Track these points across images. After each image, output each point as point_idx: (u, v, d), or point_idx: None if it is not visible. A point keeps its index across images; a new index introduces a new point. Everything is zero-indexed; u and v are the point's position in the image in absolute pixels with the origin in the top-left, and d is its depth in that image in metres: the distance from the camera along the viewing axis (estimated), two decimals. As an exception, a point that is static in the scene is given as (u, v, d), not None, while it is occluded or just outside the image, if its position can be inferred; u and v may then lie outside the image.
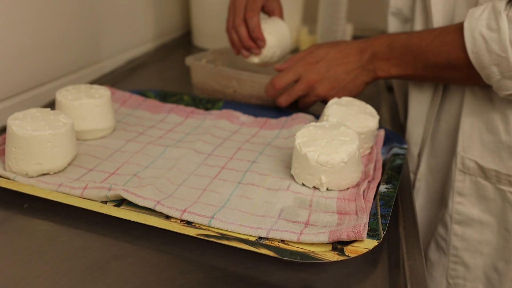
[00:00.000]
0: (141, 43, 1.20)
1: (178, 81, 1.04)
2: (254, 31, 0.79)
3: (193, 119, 0.77)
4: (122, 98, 0.82)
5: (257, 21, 0.79)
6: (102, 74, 1.01)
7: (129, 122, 0.75)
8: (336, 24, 1.22)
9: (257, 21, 0.79)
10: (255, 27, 0.79)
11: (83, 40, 0.94)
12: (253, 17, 0.78)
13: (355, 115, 0.65)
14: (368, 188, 0.56)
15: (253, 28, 0.79)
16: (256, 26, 0.79)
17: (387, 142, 0.70)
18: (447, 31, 0.64)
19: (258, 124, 0.75)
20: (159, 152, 0.65)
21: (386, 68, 0.70)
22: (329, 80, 0.72)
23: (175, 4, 1.39)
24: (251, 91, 0.83)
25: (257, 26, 0.79)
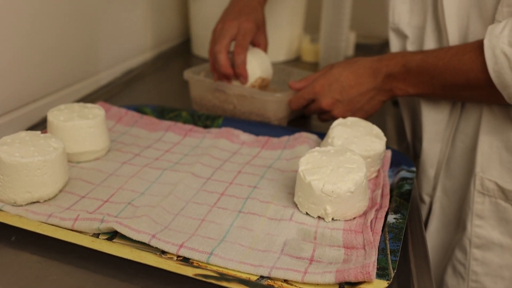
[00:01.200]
0: (138, 53, 1.17)
1: (177, 93, 1.01)
2: (239, 67, 0.78)
3: (191, 138, 0.74)
4: (118, 115, 0.79)
5: (243, 59, 0.78)
6: (98, 86, 0.98)
7: (124, 142, 0.72)
8: (339, 33, 1.19)
9: (243, 58, 0.78)
10: (241, 64, 0.78)
11: (78, 52, 0.91)
12: (240, 53, 0.77)
13: (360, 137, 0.62)
14: (376, 218, 0.53)
15: (239, 64, 0.77)
16: (242, 63, 0.78)
17: (394, 163, 0.67)
18: (465, 50, 0.61)
19: (259, 143, 0.72)
20: (155, 176, 0.62)
21: (403, 87, 0.68)
22: (343, 103, 0.71)
23: (174, 12, 1.36)
24: (252, 108, 0.80)
25: (242, 63, 0.78)
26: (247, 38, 0.78)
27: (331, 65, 0.74)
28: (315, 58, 1.32)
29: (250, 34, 0.79)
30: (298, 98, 0.76)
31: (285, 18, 1.25)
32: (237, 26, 0.78)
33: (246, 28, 0.79)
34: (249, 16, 0.80)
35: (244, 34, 0.78)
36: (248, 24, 0.79)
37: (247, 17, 0.80)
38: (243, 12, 0.81)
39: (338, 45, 1.20)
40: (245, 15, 0.80)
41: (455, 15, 0.66)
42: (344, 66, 0.71)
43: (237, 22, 0.79)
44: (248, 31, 0.79)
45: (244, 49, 0.78)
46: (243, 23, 0.79)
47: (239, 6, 0.82)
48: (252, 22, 0.80)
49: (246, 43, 0.78)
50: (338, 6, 1.17)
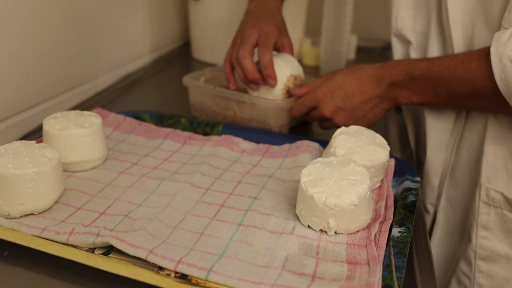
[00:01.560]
0: (137, 57, 1.15)
1: (177, 97, 0.99)
2: (267, 68, 0.73)
3: (190, 146, 0.72)
4: (116, 122, 0.77)
5: (270, 58, 0.74)
6: (96, 92, 0.97)
7: (122, 150, 0.70)
8: (340, 36, 1.17)
9: (270, 57, 0.74)
10: (268, 63, 0.73)
11: (75, 57, 0.90)
12: (266, 53, 0.73)
13: (364, 146, 0.61)
14: (380, 232, 0.52)
15: (266, 64, 0.73)
16: (269, 63, 0.73)
17: (397, 172, 0.65)
18: (471, 58, 0.59)
19: (260, 152, 0.71)
20: (153, 187, 0.60)
21: (407, 96, 0.66)
22: (345, 111, 0.69)
23: (173, 15, 1.35)
24: (252, 115, 0.78)
25: (270, 63, 0.73)
26: (270, 39, 0.75)
27: (333, 71, 0.73)
28: (316, 61, 1.30)
29: (272, 36, 0.76)
30: (299, 105, 0.74)
31: (286, 22, 1.23)
32: (257, 31, 0.75)
33: (268, 30, 0.75)
34: (268, 19, 0.77)
35: (267, 36, 0.75)
36: (268, 27, 0.76)
37: (266, 21, 0.77)
38: (261, 17, 0.77)
39: (339, 48, 1.19)
40: (264, 19, 0.77)
41: (460, 21, 0.65)
42: (347, 73, 0.70)
43: (257, 27, 0.75)
44: (270, 33, 0.75)
45: (269, 49, 0.74)
46: (264, 27, 0.75)
47: (256, 13, 0.79)
48: (272, 25, 0.77)
49: (270, 43, 0.75)
50: (339, 10, 1.15)
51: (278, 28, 0.78)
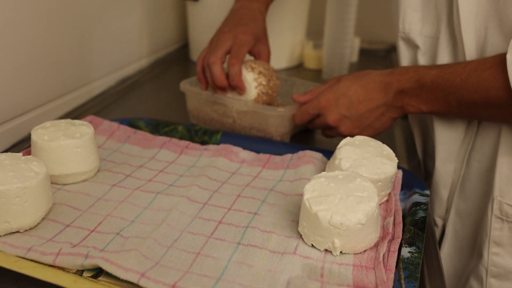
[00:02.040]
0: (134, 60, 1.12)
1: (174, 102, 0.96)
2: (234, 79, 0.73)
3: (187, 156, 0.69)
4: (110, 130, 0.74)
5: (238, 70, 0.73)
6: (90, 97, 0.94)
7: (115, 161, 0.67)
8: (343, 39, 1.14)
9: (238, 69, 0.73)
10: (236, 75, 0.73)
11: (68, 61, 0.87)
12: (235, 64, 0.73)
13: (370, 158, 0.58)
14: (389, 251, 0.49)
15: (234, 76, 0.73)
16: (237, 74, 0.73)
17: (405, 185, 0.62)
18: (485, 66, 0.56)
19: (260, 162, 0.68)
20: (147, 201, 0.57)
21: (416, 105, 0.63)
22: (350, 119, 0.66)
23: (171, 17, 1.32)
24: (252, 123, 0.75)
25: (237, 75, 0.73)
26: (243, 49, 0.74)
27: (338, 77, 0.70)
28: (318, 65, 1.27)
29: (246, 45, 0.75)
30: (302, 113, 0.71)
31: (287, 23, 1.20)
32: (232, 37, 0.75)
33: (242, 40, 0.75)
34: (245, 27, 0.77)
35: (240, 45, 0.74)
36: (243, 36, 0.76)
37: (244, 28, 0.76)
38: (240, 23, 0.77)
39: (342, 51, 1.16)
40: (242, 26, 0.77)
41: (472, 25, 0.62)
42: (352, 80, 0.67)
43: (232, 33, 0.75)
44: (244, 42, 0.75)
45: (239, 60, 0.74)
46: (239, 34, 0.75)
47: (237, 16, 0.79)
48: (248, 34, 0.76)
49: (242, 54, 0.74)
50: (342, 11, 1.12)
51: (255, 37, 0.77)
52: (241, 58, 0.74)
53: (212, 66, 0.73)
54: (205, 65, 0.76)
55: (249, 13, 0.79)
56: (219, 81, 0.73)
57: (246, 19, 0.78)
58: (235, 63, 0.73)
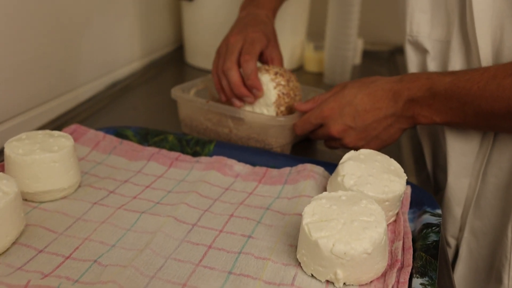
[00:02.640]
0: (125, 63, 1.07)
1: (167, 109, 0.91)
2: (250, 77, 0.68)
3: (177, 169, 0.64)
4: (95, 140, 0.70)
5: (253, 66, 0.68)
6: (77, 103, 0.89)
7: (99, 175, 0.62)
8: (346, 41, 1.09)
9: (253, 66, 0.68)
10: (251, 73, 0.68)
11: (54, 64, 0.82)
12: (249, 61, 0.68)
13: (377, 175, 0.53)
14: (398, 283, 0.44)
15: (249, 74, 0.68)
16: (252, 71, 0.68)
17: (414, 202, 0.57)
18: (504, 72, 0.51)
19: (256, 176, 0.63)
20: (131, 222, 0.52)
21: (428, 115, 0.58)
22: (356, 130, 0.61)
23: (165, 17, 1.27)
24: (250, 133, 0.70)
25: (253, 72, 0.68)
26: (256, 46, 0.70)
27: (343, 84, 0.65)
28: (319, 67, 1.22)
29: (258, 42, 0.70)
30: (304, 122, 0.66)
31: (287, 24, 1.15)
32: (243, 38, 0.70)
33: (253, 37, 0.70)
34: (255, 27, 0.72)
35: (252, 42, 0.69)
36: (254, 34, 0.71)
37: (254, 28, 0.72)
38: (249, 25, 0.73)
39: (345, 53, 1.11)
40: (251, 26, 0.72)
41: (487, 27, 0.57)
42: (358, 87, 0.62)
43: (242, 34, 0.71)
44: (256, 40, 0.70)
45: (253, 56, 0.68)
46: (249, 33, 0.71)
47: (245, 21, 0.75)
48: (259, 32, 0.72)
49: (255, 50, 0.69)
50: (344, 11, 1.07)
51: (266, 36, 0.72)
52: (255, 54, 0.69)
53: (228, 72, 0.68)
54: (219, 74, 0.71)
55: (256, 18, 0.75)
56: (237, 87, 0.68)
57: (254, 22, 0.74)
58: (249, 59, 0.68)
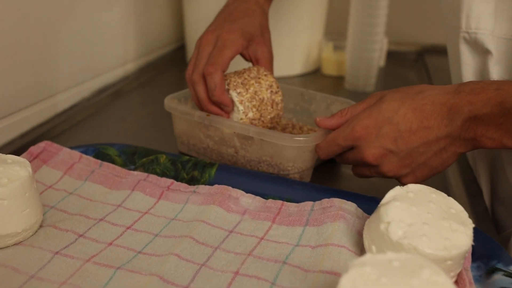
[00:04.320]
0: (117, 65, 0.95)
1: (162, 120, 0.78)
2: (214, 93, 0.58)
3: (168, 203, 0.52)
4: (68, 161, 0.57)
5: (217, 80, 0.58)
6: (55, 113, 0.77)
7: (68, 210, 0.50)
8: (372, 41, 0.96)
9: (217, 79, 0.58)
10: (215, 88, 0.58)
11: (27, 66, 0.70)
12: (212, 73, 0.58)
13: (433, 223, 0.40)
14: None
15: (212, 89, 0.58)
16: (216, 86, 0.58)
17: (478, 252, 0.45)
18: None
19: (269, 213, 0.50)
20: (101, 283, 0.40)
21: (497, 137, 0.45)
22: (398, 155, 0.49)
23: (165, 12, 1.15)
24: (261, 154, 0.58)
25: (217, 87, 0.58)
26: (225, 52, 0.59)
27: (379, 95, 0.52)
28: (339, 70, 1.09)
29: (229, 48, 0.59)
30: (330, 144, 0.53)
31: (302, 21, 1.03)
32: (215, 39, 0.60)
33: (225, 40, 0.60)
34: (233, 24, 0.61)
35: (221, 48, 0.59)
36: (228, 35, 0.60)
37: (231, 26, 0.61)
38: (228, 19, 0.62)
39: (370, 55, 0.98)
40: (229, 23, 0.61)
41: None
42: (401, 100, 0.49)
43: (216, 33, 0.61)
44: (228, 43, 0.59)
45: (218, 67, 0.58)
46: (223, 34, 0.60)
47: (228, 11, 0.64)
48: (236, 32, 0.61)
49: (223, 58, 0.59)
50: (370, 5, 0.94)
51: (245, 35, 0.61)
52: (222, 64, 0.58)
53: (195, 87, 0.60)
54: (189, 85, 0.62)
55: (242, 5, 0.64)
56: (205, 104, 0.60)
57: (237, 14, 0.63)
58: (212, 71, 0.58)
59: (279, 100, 0.62)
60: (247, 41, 0.61)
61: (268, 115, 0.61)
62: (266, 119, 0.61)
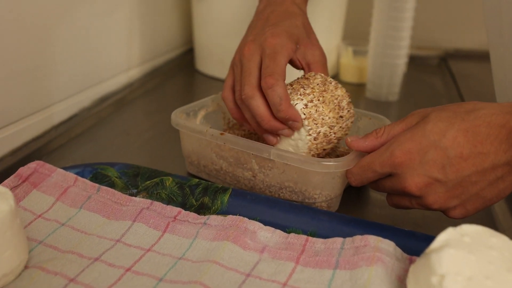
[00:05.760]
0: (120, 71, 0.89)
1: (170, 132, 0.71)
2: (280, 109, 0.49)
3: (175, 237, 0.45)
4: (62, 185, 0.51)
5: (282, 92, 0.49)
6: (52, 125, 0.70)
7: (59, 245, 0.44)
8: (397, 46, 0.89)
9: (281, 91, 0.49)
10: (281, 102, 0.49)
11: (20, 73, 0.64)
12: (274, 86, 0.49)
13: (497, 276, 0.33)
14: None
15: (277, 103, 0.49)
16: (282, 100, 0.49)
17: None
18: None
19: (292, 251, 0.44)
20: None
21: None
22: (446, 185, 0.42)
23: (172, 14, 1.08)
24: (283, 180, 0.51)
25: (283, 100, 0.49)
26: (279, 59, 0.51)
27: (422, 113, 0.45)
28: (360, 77, 1.02)
29: (282, 53, 0.52)
30: (364, 170, 0.47)
31: (319, 24, 0.96)
32: (260, 48, 0.52)
33: (274, 45, 0.52)
34: (276, 27, 0.54)
35: (273, 55, 0.51)
36: (275, 39, 0.52)
37: (274, 30, 0.53)
38: (268, 24, 0.54)
39: (395, 61, 0.91)
40: (271, 26, 0.54)
41: None
42: (449, 120, 0.42)
43: (259, 41, 0.53)
44: (278, 48, 0.52)
45: (278, 77, 0.50)
46: (268, 39, 0.52)
47: (263, 16, 0.57)
48: (282, 34, 0.53)
49: (279, 66, 0.51)
50: (396, 8, 0.87)
51: (293, 36, 0.54)
52: (281, 73, 0.50)
53: (250, 102, 0.51)
54: (239, 103, 0.53)
55: (279, 8, 0.57)
56: (266, 122, 0.51)
57: (275, 17, 0.55)
58: (273, 83, 0.49)
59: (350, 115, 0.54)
60: (294, 43, 0.54)
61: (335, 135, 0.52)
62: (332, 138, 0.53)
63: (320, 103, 0.50)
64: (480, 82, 1.07)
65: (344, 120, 0.52)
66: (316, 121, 0.50)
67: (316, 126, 0.50)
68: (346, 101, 0.53)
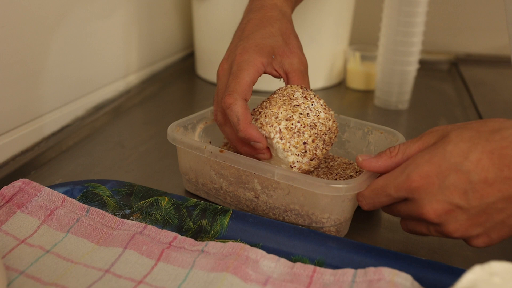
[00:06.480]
0: (117, 77, 0.85)
1: (167, 145, 0.67)
2: (238, 129, 0.47)
3: (169, 267, 0.42)
4: (48, 206, 0.48)
5: (239, 111, 0.47)
6: (42, 137, 0.67)
7: (41, 277, 0.40)
8: (408, 52, 0.85)
9: (239, 111, 0.47)
10: (239, 122, 0.47)
11: (8, 81, 0.60)
12: (232, 105, 0.48)
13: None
14: None
15: (235, 123, 0.48)
16: (239, 120, 0.47)
17: None
18: None
19: (297, 283, 0.40)
20: None
21: None
22: (469, 212, 0.38)
23: (172, 18, 1.05)
24: (288, 202, 0.47)
25: (241, 120, 0.47)
26: (242, 77, 0.49)
27: (441, 131, 0.41)
28: (367, 84, 0.99)
29: (246, 70, 0.49)
30: (377, 194, 0.43)
31: (326, 28, 0.93)
32: (229, 66, 0.52)
33: (240, 62, 0.50)
34: (247, 41, 0.52)
35: (236, 74, 0.49)
36: (241, 57, 0.50)
37: (244, 44, 0.51)
38: (242, 37, 0.53)
39: (405, 68, 0.87)
40: (243, 41, 0.52)
41: None
42: (472, 140, 0.38)
43: (230, 59, 0.52)
44: (243, 66, 0.49)
45: (236, 96, 0.48)
46: (236, 57, 0.50)
47: (241, 28, 0.56)
48: (249, 49, 0.51)
49: (241, 86, 0.48)
50: (407, 13, 0.83)
51: (264, 49, 0.51)
52: (241, 92, 0.48)
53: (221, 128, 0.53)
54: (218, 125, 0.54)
55: (256, 16, 0.55)
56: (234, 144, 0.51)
57: (250, 28, 0.54)
58: (231, 102, 0.47)
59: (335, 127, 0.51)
60: (267, 56, 0.51)
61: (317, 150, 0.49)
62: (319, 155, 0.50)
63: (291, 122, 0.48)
64: (494, 89, 1.03)
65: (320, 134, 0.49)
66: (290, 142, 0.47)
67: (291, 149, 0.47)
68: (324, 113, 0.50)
